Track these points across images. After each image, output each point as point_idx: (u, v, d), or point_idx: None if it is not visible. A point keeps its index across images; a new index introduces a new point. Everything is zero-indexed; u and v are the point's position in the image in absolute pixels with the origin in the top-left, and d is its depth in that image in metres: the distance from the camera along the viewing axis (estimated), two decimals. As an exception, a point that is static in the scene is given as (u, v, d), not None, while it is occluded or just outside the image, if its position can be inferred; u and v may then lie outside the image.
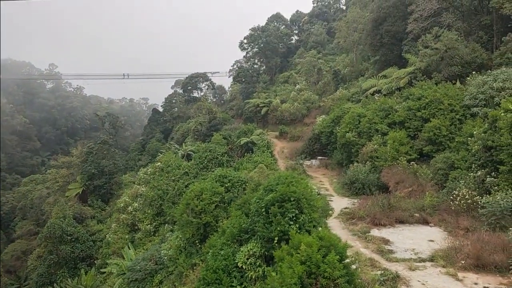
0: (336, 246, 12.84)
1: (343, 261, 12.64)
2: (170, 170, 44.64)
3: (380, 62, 40.94)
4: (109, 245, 42.76)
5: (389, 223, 19.98)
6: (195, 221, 27.64)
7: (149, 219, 40.95)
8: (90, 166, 51.56)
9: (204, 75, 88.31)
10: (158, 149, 63.78)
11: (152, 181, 44.76)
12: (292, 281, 11.98)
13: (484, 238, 16.26)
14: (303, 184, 19.82)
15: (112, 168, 53.01)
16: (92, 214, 48.47)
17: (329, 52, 67.33)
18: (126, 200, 45.87)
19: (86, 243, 42.27)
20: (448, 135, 25.83)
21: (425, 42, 31.13)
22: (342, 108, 37.48)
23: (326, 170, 36.65)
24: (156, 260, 30.98)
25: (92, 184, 51.62)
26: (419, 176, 23.78)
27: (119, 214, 45.32)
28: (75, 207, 47.32)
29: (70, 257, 40.43)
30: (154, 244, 35.52)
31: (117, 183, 53.72)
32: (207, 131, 55.41)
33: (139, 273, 30.05)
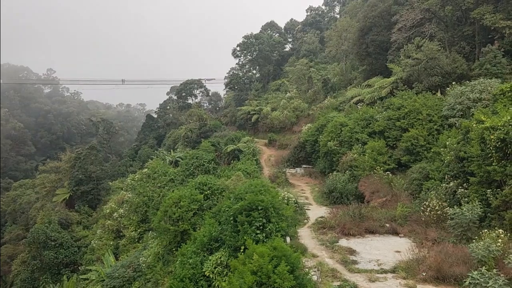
0: (288, 256, 12.77)
1: (295, 272, 12.57)
2: (156, 176, 44.52)
3: (366, 71, 41.02)
4: (94, 251, 42.61)
5: (359, 233, 19.89)
6: (172, 229, 27.53)
7: (134, 226, 40.77)
8: (77, 172, 51.50)
9: (198, 81, 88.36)
10: (149, 155, 63.76)
11: (137, 188, 44.63)
12: (240, 291, 11.91)
13: (447, 250, 16.19)
14: (272, 193, 19.80)
15: (100, 173, 52.96)
16: (78, 220, 48.35)
17: (321, 60, 67.51)
18: (112, 206, 45.77)
19: (70, 249, 42.15)
20: (426, 145, 25.83)
21: (407, 52, 31.20)
22: (327, 117, 37.51)
23: (310, 179, 36.58)
24: (134, 268, 30.88)
25: (79, 189, 51.53)
26: (393, 186, 23.72)
27: (105, 220, 45.21)
28: (61, 212, 47.20)
29: (53, 263, 40.32)
30: (138, 251, 35.43)
31: (104, 189, 53.63)
32: (197, 138, 55.41)
33: (117, 280, 29.93)
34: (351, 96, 38.61)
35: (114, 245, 41.64)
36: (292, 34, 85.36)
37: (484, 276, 12.71)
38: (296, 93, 58.32)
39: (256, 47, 72.67)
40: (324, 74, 59.52)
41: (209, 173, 40.92)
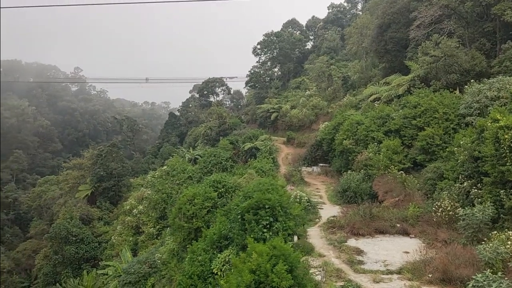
0: (287, 256, 12.75)
1: (294, 272, 12.54)
2: (175, 174, 44.99)
3: (385, 69, 40.44)
4: (114, 247, 43.45)
5: (368, 233, 19.68)
6: (186, 226, 27.86)
7: (153, 222, 41.35)
8: (99, 169, 52.57)
9: (220, 80, 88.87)
10: (170, 153, 64.51)
11: (157, 185, 45.20)
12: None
13: (455, 251, 15.89)
14: (280, 192, 19.78)
15: (121, 170, 53.91)
16: (99, 216, 49.36)
17: (342, 58, 66.91)
18: (132, 203, 46.56)
19: (90, 244, 43.07)
20: (441, 144, 25.32)
21: (425, 49, 30.61)
22: (344, 115, 37.18)
23: (326, 178, 36.37)
24: (150, 264, 31.33)
25: (101, 186, 52.60)
26: (407, 186, 23.36)
27: (125, 217, 46.03)
28: (82, 208, 48.24)
29: (74, 258, 41.28)
30: (154, 247, 35.94)
31: (125, 186, 54.55)
32: (216, 136, 55.82)
33: (133, 275, 30.43)
34: (369, 94, 38.18)
35: (133, 241, 42.36)
36: (314, 32, 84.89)
37: (488, 279, 12.40)
38: (315, 91, 58.00)
39: (276, 45, 72.59)
40: (345, 71, 59.03)
41: (226, 171, 41.17)
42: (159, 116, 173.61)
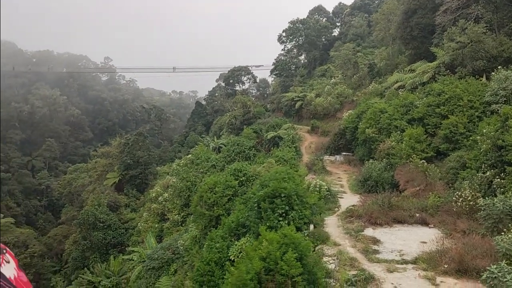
0: (297, 244, 12.79)
1: (303, 260, 12.57)
2: (199, 162, 45.53)
3: (411, 55, 39.54)
4: (140, 233, 44.45)
5: (386, 223, 19.47)
6: (208, 213, 28.29)
7: (177, 210, 42.04)
8: (126, 157, 53.67)
9: (246, 68, 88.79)
10: (196, 142, 65.18)
11: (181, 173, 45.82)
12: (247, 277, 12.08)
13: (474, 242, 15.57)
14: (297, 181, 19.79)
15: (147, 159, 54.89)
16: (126, 203, 50.49)
17: (369, 45, 65.75)
18: (157, 190, 47.41)
19: (117, 231, 44.16)
20: (465, 133, 24.71)
21: (451, 35, 29.73)
22: (368, 103, 36.65)
23: (349, 167, 36.05)
24: (173, 250, 31.94)
25: (128, 174, 53.75)
26: (428, 175, 22.94)
27: (151, 204, 46.95)
28: (110, 195, 49.41)
29: (101, 243, 42.44)
30: (178, 234, 36.59)
31: (152, 174, 55.53)
32: (240, 125, 56.01)
33: (156, 261, 31.09)
34: (393, 82, 37.48)
35: (159, 228, 43.21)
36: (340, 18, 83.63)
37: (503, 270, 12.12)
38: (341, 79, 57.31)
39: (302, 32, 71.91)
40: (371, 58, 58.05)
41: (249, 159, 41.40)
42: (186, 105, 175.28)
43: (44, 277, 48.31)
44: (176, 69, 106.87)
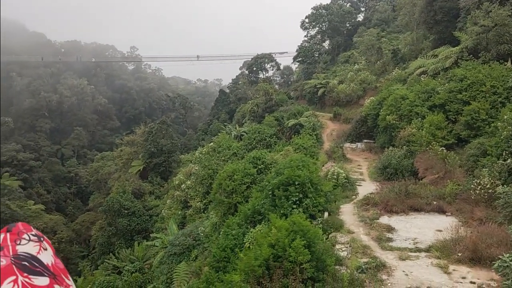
0: (306, 231, 12.84)
1: (312, 247, 12.62)
2: (221, 150, 45.90)
3: (435, 40, 38.61)
4: (164, 220, 45.29)
5: (402, 211, 19.30)
6: (226, 201, 28.62)
7: (200, 197, 42.59)
8: (150, 145, 54.51)
9: (269, 56, 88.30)
10: (219, 130, 65.59)
11: (203, 160, 46.30)
12: (256, 263, 12.24)
13: (490, 230, 15.32)
14: (311, 168, 19.77)
15: (170, 147, 55.59)
16: (150, 190, 51.41)
17: (393, 30, 64.42)
18: (180, 178, 48.07)
19: (142, 217, 45.08)
20: (487, 119, 24.13)
21: (474, 19, 28.89)
22: (389, 89, 36.10)
23: (370, 154, 35.70)
24: (194, 236, 32.43)
25: (152, 161, 54.63)
26: (447, 162, 22.56)
27: (174, 191, 47.69)
28: (134, 183, 50.39)
29: (126, 229, 43.44)
30: (202, 221, 37.12)
31: (175, 161, 56.27)
32: (262, 113, 55.98)
33: (177, 247, 31.64)
34: (416, 67, 36.75)
35: (182, 215, 43.90)
36: (365, 3, 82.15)
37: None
38: (364, 65, 56.50)
39: (325, 18, 71.01)
40: (396, 44, 56.98)
41: (270, 147, 41.47)
42: (211, 94, 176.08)
43: (72, 261, 49.85)
44: (199, 57, 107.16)
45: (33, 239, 1.48)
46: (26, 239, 1.47)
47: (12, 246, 1.41)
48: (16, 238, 1.45)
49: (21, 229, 1.49)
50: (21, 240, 1.46)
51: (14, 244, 1.42)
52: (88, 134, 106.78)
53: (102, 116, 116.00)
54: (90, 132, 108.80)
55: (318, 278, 12.46)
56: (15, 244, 1.43)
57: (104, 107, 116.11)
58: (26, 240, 1.46)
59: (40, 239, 1.49)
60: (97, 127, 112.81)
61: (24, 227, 1.51)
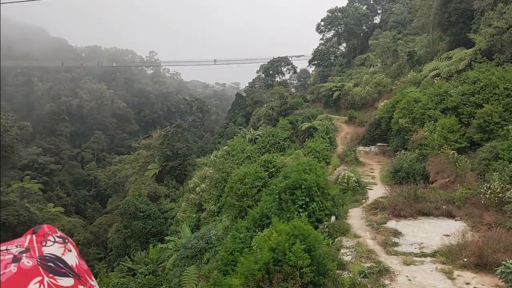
0: (306, 236, 12.86)
1: (312, 252, 12.64)
2: (235, 153, 46.09)
3: (450, 42, 38.11)
4: (178, 223, 45.65)
5: (410, 215, 19.11)
6: (238, 204, 28.80)
7: (214, 200, 42.85)
8: (165, 148, 55.07)
9: (285, 59, 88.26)
10: (234, 133, 65.86)
11: (218, 164, 46.56)
12: (255, 267, 12.32)
13: (498, 235, 15.07)
14: (319, 172, 19.75)
15: (185, 150, 56.04)
16: (166, 193, 51.89)
17: (410, 32, 63.76)
18: (195, 181, 48.42)
19: (157, 220, 45.52)
20: (500, 122, 23.74)
21: (488, 20, 28.46)
22: (403, 92, 35.78)
23: (383, 157, 35.40)
24: (206, 239, 32.66)
25: (167, 165, 55.17)
26: (457, 166, 22.27)
27: (189, 194, 48.03)
28: (150, 186, 50.94)
29: (142, 232, 43.93)
30: (215, 224, 37.35)
31: (191, 165, 56.70)
32: (277, 116, 56.02)
33: (190, 250, 31.92)
34: (431, 69, 36.35)
35: (196, 218, 44.20)
36: (382, 5, 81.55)
37: (519, 265, 11.72)
38: (380, 68, 56.09)
39: (340, 20, 70.72)
40: (412, 46, 56.42)
41: (284, 151, 41.48)
42: (229, 97, 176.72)
43: (89, 263, 49.33)
44: (216, 61, 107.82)
45: (58, 240, 1.52)
46: (51, 240, 1.50)
47: (38, 248, 1.45)
48: (42, 239, 1.49)
49: (46, 231, 1.52)
50: (46, 241, 1.49)
51: (40, 246, 1.46)
52: (107, 138, 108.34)
53: (121, 120, 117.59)
54: (109, 136, 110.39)
55: (318, 283, 12.48)
56: (41, 245, 1.47)
57: (123, 111, 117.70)
58: (52, 242, 1.50)
59: (65, 241, 1.54)
60: (116, 131, 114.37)
61: (50, 229, 1.54)
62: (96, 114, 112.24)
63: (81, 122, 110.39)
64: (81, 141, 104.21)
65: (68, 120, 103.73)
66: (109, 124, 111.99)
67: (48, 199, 72.04)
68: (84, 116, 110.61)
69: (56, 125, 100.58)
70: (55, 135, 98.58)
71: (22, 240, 1.47)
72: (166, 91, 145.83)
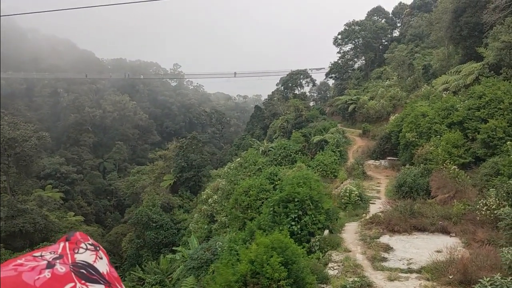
0: (285, 249, 13.02)
1: (290, 265, 12.77)
2: (247, 165, 46.39)
3: (462, 56, 37.74)
4: (190, 234, 46.06)
5: (405, 230, 19.00)
6: (242, 216, 29.03)
7: (225, 212, 43.08)
8: (180, 160, 55.79)
9: (304, 72, 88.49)
10: (250, 145, 66.27)
11: (230, 175, 46.95)
12: (233, 278, 12.55)
13: (487, 252, 14.89)
14: (313, 186, 19.87)
15: (200, 162, 56.66)
16: (180, 204, 52.44)
17: (427, 45, 63.27)
18: (208, 193, 48.88)
19: (169, 231, 46.04)
20: (505, 137, 23.40)
21: (496, 34, 28.18)
22: (413, 106, 35.58)
23: (392, 171, 35.10)
24: (212, 251, 32.91)
25: (182, 176, 55.82)
26: (457, 182, 22.04)
27: (202, 205, 48.49)
28: (164, 196, 51.62)
29: (154, 242, 44.48)
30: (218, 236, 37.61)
31: (205, 176, 57.26)
32: (292, 128, 56.24)
33: (195, 261, 32.18)
34: (441, 83, 36.06)
35: (208, 229, 44.54)
36: (401, 19, 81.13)
37: (494, 284, 11.62)
38: (396, 81, 55.80)
39: (358, 34, 70.69)
40: (429, 59, 56.02)
41: (295, 163, 41.57)
42: (250, 109, 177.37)
43: None
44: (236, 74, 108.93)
45: (90, 248, 1.53)
46: (83, 248, 1.52)
47: (71, 255, 1.47)
48: (74, 247, 1.51)
49: (79, 238, 1.54)
50: (79, 249, 1.50)
51: (73, 253, 1.48)
52: (129, 148, 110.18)
53: (143, 131, 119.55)
54: (131, 147, 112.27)
55: (295, 296, 12.61)
56: (74, 252, 1.48)
57: (145, 122, 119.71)
58: (84, 249, 1.51)
59: (96, 249, 1.55)
60: (138, 142, 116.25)
61: (82, 237, 1.56)
62: (118, 125, 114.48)
63: (104, 132, 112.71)
64: (103, 152, 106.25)
65: (91, 130, 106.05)
66: (131, 135, 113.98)
67: (69, 208, 73.59)
68: (107, 127, 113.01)
69: (79, 136, 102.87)
70: (78, 145, 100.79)
71: (56, 247, 1.51)
72: (189, 103, 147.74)
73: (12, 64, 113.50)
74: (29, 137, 50.97)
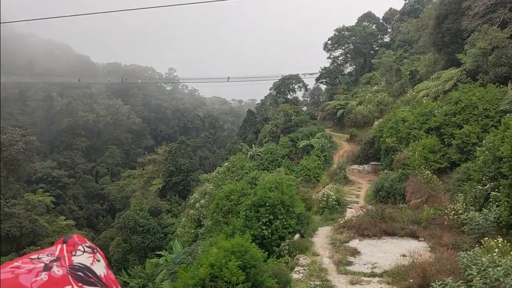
0: (244, 253, 13.26)
1: (248, 269, 13.01)
2: (235, 170, 46.62)
3: (444, 62, 38.15)
4: (177, 238, 46.18)
5: (374, 234, 19.25)
6: (222, 221, 29.16)
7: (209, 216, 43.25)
8: (169, 164, 55.98)
9: (296, 76, 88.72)
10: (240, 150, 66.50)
11: (217, 180, 47.16)
12: (191, 282, 12.78)
13: (448, 256, 15.15)
14: (285, 190, 20.12)
15: (188, 166, 56.87)
16: (168, 208, 52.58)
17: (416, 51, 63.73)
18: (195, 197, 49.04)
19: (156, 235, 46.16)
20: (478, 143, 23.70)
21: (473, 41, 28.57)
22: (395, 111, 35.96)
23: (374, 176, 35.30)
24: (194, 255, 33.08)
25: (171, 180, 55.98)
26: (430, 186, 22.35)
27: (189, 210, 48.64)
28: (152, 201, 51.77)
29: (140, 246, 44.59)
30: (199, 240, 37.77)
31: (194, 180, 57.45)
32: (281, 133, 56.56)
33: (178, 265, 32.30)
34: (422, 89, 36.46)
35: (195, 233, 44.68)
36: (391, 24, 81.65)
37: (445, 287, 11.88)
38: (383, 86, 56.22)
39: (347, 39, 71.15)
40: (417, 65, 56.47)
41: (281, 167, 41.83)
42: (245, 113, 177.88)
43: None
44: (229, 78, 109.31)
45: (87, 250, 1.52)
46: (81, 250, 1.50)
47: (68, 257, 1.45)
48: (71, 249, 1.49)
49: (76, 241, 1.52)
50: (76, 251, 1.48)
51: (70, 255, 1.46)
52: (122, 153, 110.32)
53: (136, 135, 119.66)
54: (124, 151, 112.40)
55: (254, 299, 12.83)
56: (71, 255, 1.46)
57: (138, 126, 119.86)
58: (81, 252, 1.49)
59: (94, 251, 1.53)
60: (131, 146, 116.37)
61: (79, 239, 1.54)
62: (111, 129, 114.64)
63: (97, 136, 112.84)
64: (96, 156, 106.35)
65: (84, 134, 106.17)
66: (124, 139, 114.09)
67: (60, 212, 73.64)
68: (100, 131, 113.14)
69: (72, 140, 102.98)
70: (71, 149, 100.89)
71: (53, 249, 1.50)
72: (183, 107, 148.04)
73: (7, 68, 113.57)
74: (16, 141, 51.05)
